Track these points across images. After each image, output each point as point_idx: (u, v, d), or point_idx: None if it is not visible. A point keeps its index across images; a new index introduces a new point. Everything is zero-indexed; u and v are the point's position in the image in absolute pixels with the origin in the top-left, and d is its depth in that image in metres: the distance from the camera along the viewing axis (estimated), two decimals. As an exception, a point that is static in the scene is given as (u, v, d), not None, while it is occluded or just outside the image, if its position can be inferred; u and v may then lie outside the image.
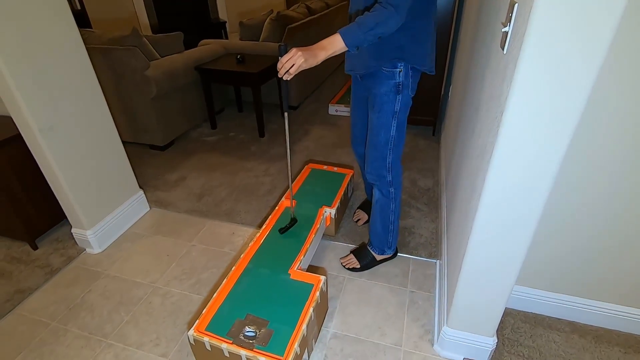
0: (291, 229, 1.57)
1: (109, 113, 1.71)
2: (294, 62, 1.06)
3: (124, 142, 1.83)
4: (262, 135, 2.77)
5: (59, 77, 1.46)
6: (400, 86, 1.23)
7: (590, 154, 1.04)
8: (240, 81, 2.70)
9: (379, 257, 1.59)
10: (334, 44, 1.07)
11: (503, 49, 0.87)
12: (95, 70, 1.61)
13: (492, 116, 0.92)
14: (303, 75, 3.19)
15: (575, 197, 1.13)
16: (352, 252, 1.63)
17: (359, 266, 1.58)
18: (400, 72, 1.20)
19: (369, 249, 1.59)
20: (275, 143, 2.68)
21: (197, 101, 2.83)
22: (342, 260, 1.62)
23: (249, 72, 2.53)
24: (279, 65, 1.09)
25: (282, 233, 1.52)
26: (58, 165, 1.50)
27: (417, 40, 1.18)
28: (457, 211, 1.35)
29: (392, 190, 1.42)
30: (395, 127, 1.30)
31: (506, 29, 0.84)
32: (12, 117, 1.42)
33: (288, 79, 1.11)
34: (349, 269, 1.59)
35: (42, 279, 1.59)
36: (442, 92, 2.64)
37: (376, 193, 1.46)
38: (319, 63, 1.09)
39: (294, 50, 1.06)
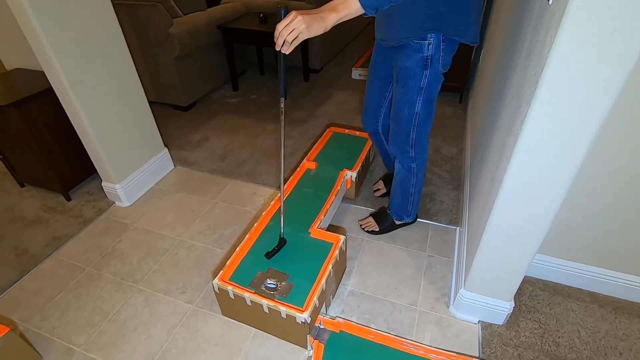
0: (313, 192, 1.58)
1: (135, 70, 1.72)
2: (293, 28, 0.86)
3: (148, 102, 1.85)
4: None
5: (88, 32, 1.47)
6: (429, 60, 1.10)
7: (618, 118, 0.99)
8: (262, 41, 2.64)
9: (397, 222, 1.59)
10: (348, 4, 0.87)
11: (548, 0, 0.81)
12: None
13: (530, 73, 0.87)
14: (327, 36, 3.10)
15: (598, 165, 1.08)
16: (371, 215, 1.64)
17: (377, 229, 1.59)
18: (429, 44, 1.07)
19: (389, 213, 1.59)
20: (297, 107, 2.65)
21: (219, 62, 2.80)
22: (361, 222, 1.64)
23: (272, 32, 2.46)
24: (275, 34, 0.89)
25: (269, 258, 1.28)
26: (88, 119, 1.54)
27: (458, 6, 1.03)
28: (482, 177, 1.32)
29: (414, 165, 1.37)
30: (420, 104, 1.19)
31: (555, -24, 0.77)
32: (45, 71, 1.45)
33: (286, 52, 0.90)
34: (367, 231, 1.60)
35: (76, 228, 1.69)
36: (473, 57, 2.52)
37: (397, 165, 1.42)
38: (328, 29, 0.89)
39: (293, 13, 0.87)
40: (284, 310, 1.11)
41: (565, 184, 0.88)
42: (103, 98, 1.59)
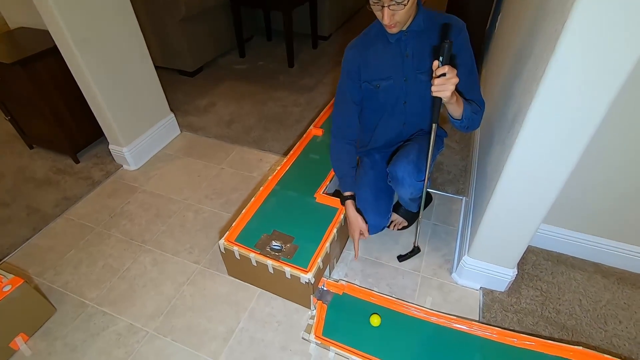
0: (319, 158, 1.57)
1: (140, 31, 1.68)
2: (452, 84, 0.92)
3: (155, 67, 1.82)
4: (291, 65, 2.68)
5: (90, -14, 1.43)
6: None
7: (630, 87, 0.95)
8: (270, 4, 2.55)
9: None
10: (460, 103, 1.03)
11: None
12: (124, -19, 1.56)
13: (549, 34, 0.83)
14: (338, 0, 2.98)
15: (604, 135, 1.04)
16: (392, 210, 1.42)
17: (407, 224, 1.49)
18: None
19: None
20: (305, 74, 2.59)
21: (225, 27, 2.73)
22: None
23: (280, -5, 2.38)
24: (436, 79, 0.92)
25: (401, 260, 1.36)
26: (94, 79, 1.53)
27: None
28: (491, 147, 1.30)
29: (423, 185, 1.22)
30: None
31: None
32: (49, 30, 1.42)
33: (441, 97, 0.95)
34: (398, 229, 1.49)
35: (85, 190, 1.71)
36: (488, 26, 2.41)
37: (404, 192, 1.25)
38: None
39: (455, 70, 0.91)
40: (288, 270, 1.13)
41: (576, 153, 0.86)
42: (109, 58, 1.57)
